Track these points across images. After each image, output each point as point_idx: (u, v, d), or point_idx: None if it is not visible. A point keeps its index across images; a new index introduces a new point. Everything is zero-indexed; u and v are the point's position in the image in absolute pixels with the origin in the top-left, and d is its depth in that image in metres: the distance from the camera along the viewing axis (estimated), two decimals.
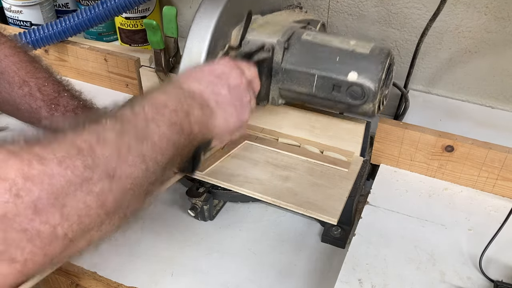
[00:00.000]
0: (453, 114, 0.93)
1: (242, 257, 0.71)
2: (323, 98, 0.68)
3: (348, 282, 0.61)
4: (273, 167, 0.78)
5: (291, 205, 0.71)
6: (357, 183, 0.75)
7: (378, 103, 0.66)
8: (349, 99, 0.65)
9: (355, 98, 0.65)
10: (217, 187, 0.76)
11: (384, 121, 0.76)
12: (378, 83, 0.63)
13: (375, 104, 0.65)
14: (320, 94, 0.67)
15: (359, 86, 0.64)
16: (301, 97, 0.70)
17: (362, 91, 0.64)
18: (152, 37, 0.83)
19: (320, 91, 0.67)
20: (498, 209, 0.71)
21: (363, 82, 0.64)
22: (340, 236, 0.73)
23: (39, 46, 0.93)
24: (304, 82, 0.67)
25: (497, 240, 0.62)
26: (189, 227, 0.76)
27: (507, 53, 0.89)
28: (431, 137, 0.73)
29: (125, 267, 0.70)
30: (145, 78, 0.94)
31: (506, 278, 0.61)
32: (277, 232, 0.75)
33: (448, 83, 0.97)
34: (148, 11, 1.07)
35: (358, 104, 0.65)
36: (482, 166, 0.72)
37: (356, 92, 0.64)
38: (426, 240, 0.67)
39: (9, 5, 1.10)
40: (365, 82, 0.64)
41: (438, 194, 0.74)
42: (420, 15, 0.90)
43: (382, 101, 0.68)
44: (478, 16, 0.87)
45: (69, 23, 0.91)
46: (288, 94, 0.70)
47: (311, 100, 0.71)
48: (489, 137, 0.73)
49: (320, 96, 0.68)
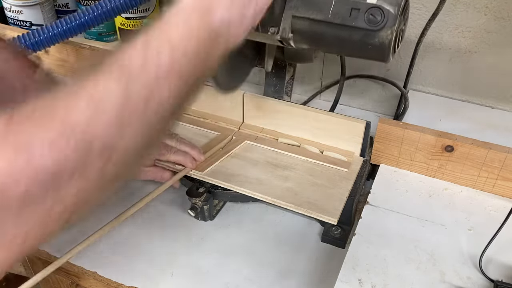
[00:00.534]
0: (453, 114, 0.93)
1: (242, 257, 0.71)
2: (338, 25, 0.65)
3: (348, 282, 0.61)
4: (273, 167, 0.78)
5: (291, 205, 0.71)
6: (357, 183, 0.75)
7: (396, 35, 0.64)
8: (366, 24, 0.63)
9: (374, 23, 0.62)
10: (217, 187, 0.76)
11: (384, 121, 0.76)
12: (398, 7, 0.62)
13: (393, 32, 0.63)
14: (336, 20, 0.64)
15: (379, 8, 0.63)
16: (314, 27, 0.67)
17: (382, 14, 0.62)
18: None
19: (336, 16, 0.64)
20: (498, 209, 0.71)
21: (383, 4, 0.63)
22: (340, 236, 0.73)
23: (39, 48, 0.93)
24: (321, 7, 0.65)
25: (497, 240, 0.62)
26: (189, 227, 0.76)
27: (507, 53, 0.88)
28: (431, 137, 0.73)
29: (125, 267, 0.70)
30: None
31: (506, 278, 0.61)
32: (277, 232, 0.75)
33: (448, 83, 0.97)
34: (148, 11, 1.07)
35: (375, 30, 0.63)
36: (482, 166, 0.72)
37: (375, 15, 0.62)
38: (426, 240, 0.67)
39: (9, 5, 1.10)
40: (385, 4, 0.62)
41: (438, 194, 0.74)
42: (420, 15, 0.90)
43: (399, 36, 0.66)
44: (478, 16, 0.87)
45: (69, 24, 0.91)
46: (301, 24, 0.67)
47: (325, 31, 0.67)
48: (489, 137, 0.73)
49: (336, 22, 0.65)
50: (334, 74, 1.05)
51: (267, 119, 0.85)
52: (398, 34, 0.65)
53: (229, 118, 0.88)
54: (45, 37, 0.91)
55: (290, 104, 0.83)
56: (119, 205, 0.80)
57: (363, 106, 1.07)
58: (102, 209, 0.79)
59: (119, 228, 0.75)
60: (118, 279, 0.68)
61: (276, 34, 0.69)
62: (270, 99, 0.84)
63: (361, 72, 1.02)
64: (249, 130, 0.86)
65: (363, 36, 0.64)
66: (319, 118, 0.80)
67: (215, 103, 0.88)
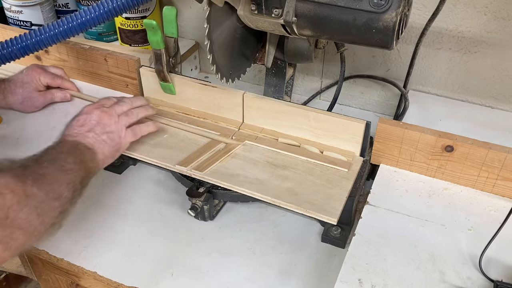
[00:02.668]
0: (453, 114, 0.93)
1: (242, 257, 0.71)
2: (343, 8, 0.64)
3: (348, 282, 0.61)
4: (273, 167, 0.78)
5: (291, 205, 0.71)
6: (357, 183, 0.75)
7: (400, 19, 0.63)
8: (371, 6, 0.62)
9: (378, 6, 0.62)
10: (217, 187, 0.76)
11: (384, 121, 0.76)
12: None
13: (397, 15, 0.62)
14: (340, 3, 0.64)
15: None
16: (318, 10, 0.66)
17: None
18: (152, 37, 0.83)
19: None
20: (498, 209, 0.71)
21: None
22: (340, 236, 0.73)
23: (40, 48, 0.92)
24: None
25: (497, 240, 0.62)
26: (189, 227, 0.76)
27: (507, 53, 0.89)
28: (431, 137, 0.73)
29: (125, 267, 0.70)
30: (145, 78, 0.94)
31: (506, 278, 0.61)
32: (277, 232, 0.75)
33: (448, 83, 0.97)
34: (148, 11, 1.07)
35: (380, 13, 0.62)
36: (482, 166, 0.72)
37: None
38: (426, 240, 0.67)
39: (9, 5, 1.10)
40: None
41: (438, 194, 0.74)
42: (420, 15, 0.90)
43: (403, 21, 0.65)
44: (478, 16, 0.87)
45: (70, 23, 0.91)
46: (305, 7, 0.67)
47: (329, 14, 0.66)
48: (489, 137, 0.73)
49: (340, 5, 0.64)
50: (334, 74, 1.05)
51: (267, 119, 0.85)
52: (402, 18, 0.64)
53: (229, 118, 0.88)
54: (46, 36, 0.91)
55: (290, 104, 0.83)
56: (115, 201, 0.80)
57: (363, 106, 1.07)
58: (102, 209, 0.79)
59: (119, 228, 0.75)
60: (118, 279, 0.68)
61: (280, 17, 0.68)
62: (270, 99, 0.84)
63: (361, 72, 1.02)
64: (249, 130, 0.86)
65: (367, 20, 0.64)
66: (319, 118, 0.80)
67: (215, 103, 0.88)
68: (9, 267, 0.86)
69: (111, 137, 0.74)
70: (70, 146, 0.69)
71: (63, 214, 0.62)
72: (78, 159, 0.67)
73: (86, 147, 0.71)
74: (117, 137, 0.75)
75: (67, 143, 0.70)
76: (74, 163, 0.66)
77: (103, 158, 0.73)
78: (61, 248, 0.72)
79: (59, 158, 0.65)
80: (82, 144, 0.71)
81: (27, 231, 0.55)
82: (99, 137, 0.73)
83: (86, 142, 0.71)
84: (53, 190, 0.60)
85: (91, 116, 0.74)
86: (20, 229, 0.54)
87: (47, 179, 0.60)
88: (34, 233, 0.56)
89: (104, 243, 0.73)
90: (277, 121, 0.84)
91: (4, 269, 0.88)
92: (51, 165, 0.63)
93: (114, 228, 0.75)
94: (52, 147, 0.68)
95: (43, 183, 0.59)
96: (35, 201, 0.57)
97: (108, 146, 0.74)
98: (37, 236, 0.58)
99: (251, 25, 0.74)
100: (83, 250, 0.72)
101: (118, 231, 0.75)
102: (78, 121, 0.74)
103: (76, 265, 0.70)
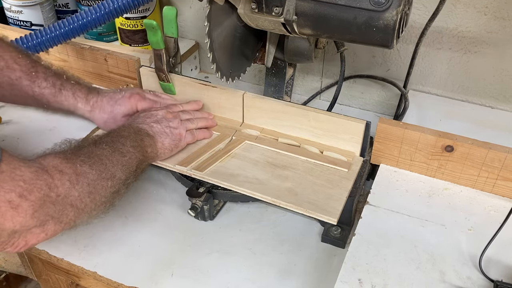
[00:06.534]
0: (453, 114, 0.93)
1: (242, 257, 0.71)
2: (343, 6, 0.64)
3: (348, 282, 0.61)
4: (273, 167, 0.78)
5: (291, 205, 0.71)
6: (357, 183, 0.75)
7: (401, 18, 0.63)
8: (372, 5, 0.63)
9: (379, 4, 0.62)
10: (217, 187, 0.76)
11: (384, 121, 0.76)
12: None
13: (398, 13, 0.62)
14: (341, 1, 0.64)
15: None
16: (319, 9, 0.66)
17: None
18: (152, 37, 0.83)
19: None
20: (498, 209, 0.71)
21: None
22: (340, 236, 0.73)
23: (41, 49, 0.93)
24: None
25: (497, 240, 0.62)
26: (189, 227, 0.76)
27: (507, 53, 0.88)
28: (431, 137, 0.73)
29: (125, 267, 0.70)
30: (145, 78, 0.94)
31: (506, 278, 0.61)
32: (277, 232, 0.75)
33: (448, 83, 0.97)
34: (148, 11, 1.07)
35: (380, 11, 0.62)
36: (482, 166, 0.72)
37: None
38: (426, 240, 0.67)
39: (9, 5, 1.10)
40: None
41: (438, 194, 0.74)
42: (420, 15, 0.90)
43: (403, 20, 0.65)
44: (478, 16, 0.87)
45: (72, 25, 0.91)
46: (305, 6, 0.67)
47: (329, 13, 0.66)
48: (489, 137, 0.73)
49: (340, 3, 0.64)
50: (334, 74, 1.05)
51: (267, 119, 0.85)
52: (402, 17, 0.64)
53: (229, 118, 0.88)
54: (47, 38, 0.91)
55: (290, 104, 0.83)
56: (121, 205, 0.80)
57: (363, 106, 1.07)
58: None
59: (119, 228, 0.75)
60: (118, 279, 0.68)
61: (280, 16, 0.68)
62: (270, 99, 0.84)
63: (361, 72, 1.02)
64: (249, 130, 0.86)
65: (367, 18, 0.64)
66: (319, 118, 0.80)
67: (215, 103, 0.88)
68: (9, 267, 0.86)
69: (174, 132, 0.78)
70: (132, 131, 0.73)
71: (115, 194, 0.65)
72: (136, 143, 0.71)
73: (148, 134, 0.75)
74: (178, 134, 0.79)
75: (130, 128, 0.74)
76: (132, 146, 0.69)
77: (162, 147, 0.76)
78: (61, 248, 0.72)
79: (118, 141, 0.69)
80: (144, 131, 0.75)
81: (78, 208, 0.59)
82: (162, 128, 0.77)
83: (148, 130, 0.75)
84: (106, 170, 0.63)
85: (158, 113, 0.80)
86: (72, 206, 0.58)
87: (102, 159, 0.64)
88: (85, 209, 0.60)
89: (104, 243, 0.73)
90: (277, 121, 0.84)
91: (4, 269, 0.88)
92: (109, 147, 0.66)
93: (114, 228, 0.75)
94: (115, 130, 0.72)
95: (96, 162, 0.62)
96: (88, 179, 0.60)
97: (169, 139, 0.77)
98: (88, 213, 0.61)
99: (251, 24, 0.74)
100: (83, 250, 0.72)
101: (118, 231, 0.75)
102: (145, 115, 0.79)
103: (76, 265, 0.70)
